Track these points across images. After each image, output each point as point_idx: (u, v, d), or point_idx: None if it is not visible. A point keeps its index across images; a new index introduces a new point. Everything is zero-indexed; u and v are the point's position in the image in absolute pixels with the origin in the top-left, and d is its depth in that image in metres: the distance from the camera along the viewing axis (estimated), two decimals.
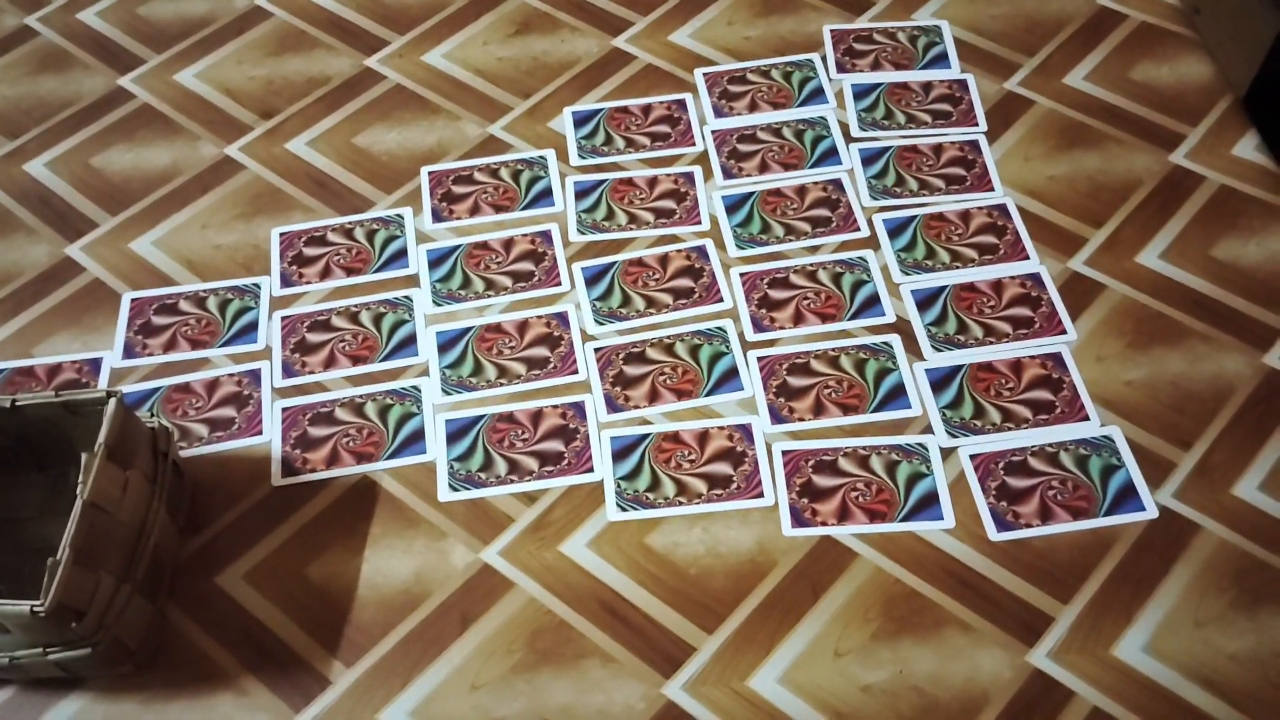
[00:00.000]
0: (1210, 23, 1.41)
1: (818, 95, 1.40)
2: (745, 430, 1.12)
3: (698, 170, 1.33)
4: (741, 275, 1.24)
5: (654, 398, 1.15)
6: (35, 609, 0.85)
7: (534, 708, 0.97)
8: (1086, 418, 1.11)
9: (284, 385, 1.18)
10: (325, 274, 1.26)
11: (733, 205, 1.30)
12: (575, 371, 1.17)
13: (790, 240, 1.27)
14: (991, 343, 1.17)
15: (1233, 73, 1.37)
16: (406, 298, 1.24)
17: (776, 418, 1.13)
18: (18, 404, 0.98)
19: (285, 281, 1.26)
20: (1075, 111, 1.37)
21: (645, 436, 1.12)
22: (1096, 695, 0.96)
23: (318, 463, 1.12)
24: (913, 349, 1.17)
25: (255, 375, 1.18)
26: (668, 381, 1.16)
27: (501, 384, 1.16)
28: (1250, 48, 1.33)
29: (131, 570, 0.95)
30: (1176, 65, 1.42)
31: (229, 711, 0.98)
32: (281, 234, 1.30)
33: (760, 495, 1.08)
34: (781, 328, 1.19)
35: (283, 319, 1.23)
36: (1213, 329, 1.18)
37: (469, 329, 1.21)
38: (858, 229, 1.27)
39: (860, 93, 1.40)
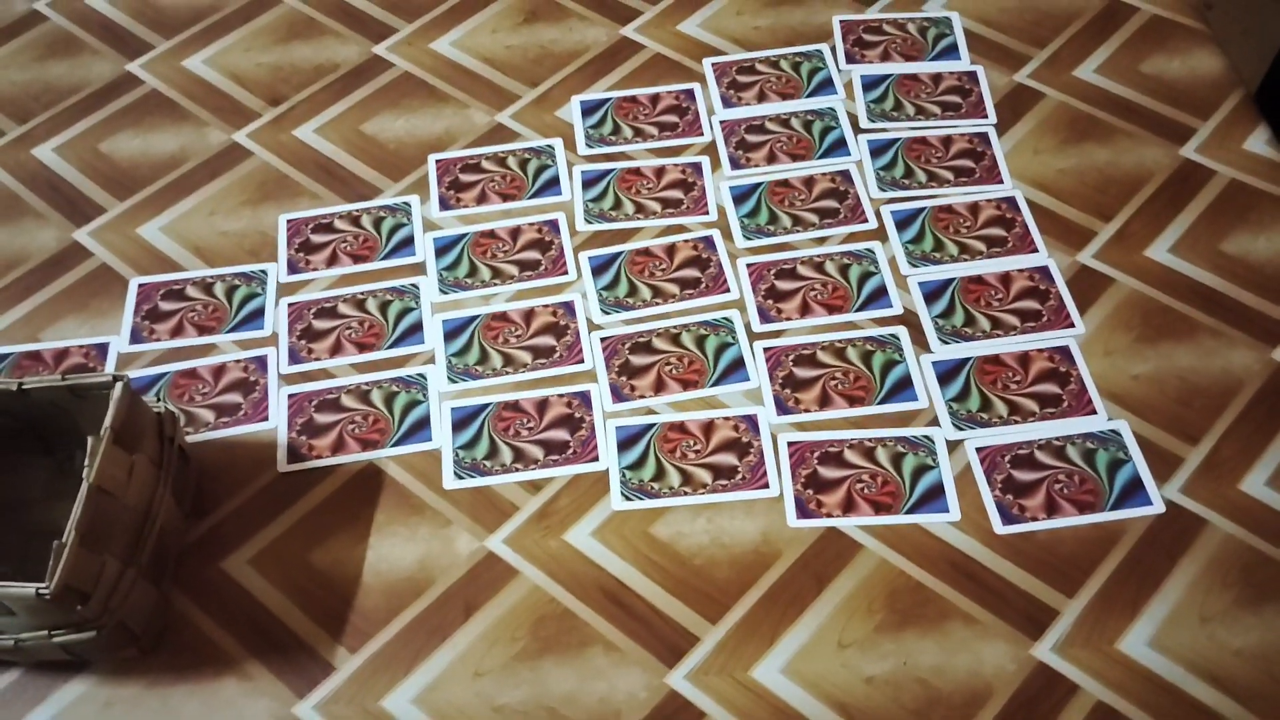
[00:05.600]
0: (1222, 16, 1.40)
1: (826, 86, 1.40)
2: (751, 421, 1.12)
3: (705, 160, 1.33)
4: (748, 266, 1.23)
5: (660, 387, 1.14)
6: (41, 591, 0.86)
7: (537, 695, 0.97)
8: (1094, 411, 1.11)
9: (290, 372, 1.18)
10: (332, 261, 1.26)
11: (740, 196, 1.30)
12: (581, 360, 1.17)
13: (798, 231, 1.26)
14: (999, 335, 1.17)
15: (1244, 67, 1.37)
16: (413, 285, 1.24)
17: (782, 409, 1.12)
18: (24, 387, 0.98)
19: (292, 268, 1.26)
20: (1085, 104, 1.37)
21: (650, 426, 1.12)
22: (1101, 689, 0.96)
23: (323, 449, 1.12)
24: (920, 341, 1.17)
25: (262, 361, 1.18)
26: (673, 371, 1.16)
27: (507, 372, 1.16)
28: (1262, 41, 1.32)
29: (137, 554, 0.96)
30: (1188, 59, 1.41)
31: (233, 696, 0.98)
32: (289, 221, 1.30)
33: (765, 486, 1.08)
34: (788, 319, 1.19)
35: (289, 305, 1.23)
36: (1221, 324, 1.17)
37: (475, 317, 1.21)
38: (865, 220, 1.27)
39: (869, 84, 1.40)
